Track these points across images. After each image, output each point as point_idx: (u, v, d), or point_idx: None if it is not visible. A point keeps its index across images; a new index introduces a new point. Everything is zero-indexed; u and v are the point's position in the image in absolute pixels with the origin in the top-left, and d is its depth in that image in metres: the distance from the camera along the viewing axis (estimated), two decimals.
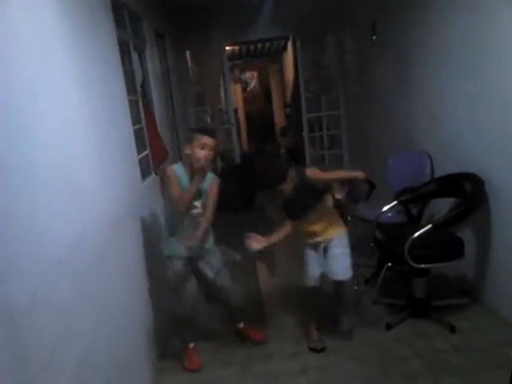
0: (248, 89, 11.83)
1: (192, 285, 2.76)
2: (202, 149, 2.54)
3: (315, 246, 2.76)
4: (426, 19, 3.41)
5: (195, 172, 2.55)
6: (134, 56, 3.48)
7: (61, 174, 1.71)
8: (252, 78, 11.90)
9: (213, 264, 2.78)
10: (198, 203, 2.64)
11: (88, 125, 2.10)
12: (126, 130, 2.82)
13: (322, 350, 2.77)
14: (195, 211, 2.64)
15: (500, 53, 2.58)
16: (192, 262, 2.72)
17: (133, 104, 3.24)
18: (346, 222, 2.79)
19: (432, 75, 3.42)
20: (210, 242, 2.77)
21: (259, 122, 10.85)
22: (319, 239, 2.72)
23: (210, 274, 2.76)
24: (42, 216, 1.50)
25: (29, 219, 1.41)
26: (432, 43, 3.36)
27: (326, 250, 2.74)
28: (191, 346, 2.85)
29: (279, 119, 10.17)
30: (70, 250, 1.67)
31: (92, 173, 2.06)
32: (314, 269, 2.79)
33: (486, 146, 2.82)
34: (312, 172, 2.58)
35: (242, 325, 3.00)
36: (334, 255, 2.72)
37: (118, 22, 3.11)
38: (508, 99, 2.55)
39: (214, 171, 2.87)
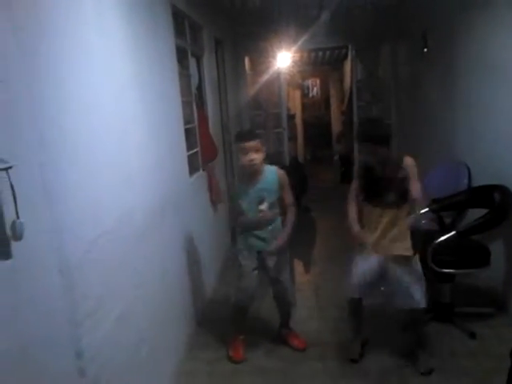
0: (310, 95, 11.99)
1: (255, 278, 2.75)
2: (244, 154, 2.60)
3: (371, 257, 2.51)
4: (469, 36, 3.51)
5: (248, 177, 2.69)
6: (192, 62, 3.81)
7: (115, 160, 2.01)
8: (315, 84, 12.05)
9: (279, 262, 2.76)
10: (263, 206, 2.66)
11: (141, 120, 2.39)
12: (177, 127, 3.13)
13: (355, 361, 2.70)
14: (260, 215, 2.67)
15: None
16: (261, 257, 2.74)
17: (187, 105, 3.55)
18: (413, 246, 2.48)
19: (474, 90, 3.50)
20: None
21: (316, 128, 10.96)
22: (382, 251, 2.48)
23: (273, 271, 2.75)
24: (99, 194, 1.82)
25: (87, 194, 1.72)
26: (475, 60, 3.45)
27: (386, 268, 2.49)
28: (241, 337, 2.86)
29: (336, 126, 10.25)
30: (118, 223, 1.98)
31: (142, 162, 2.36)
32: (361, 277, 2.52)
33: None
34: (410, 160, 2.43)
35: (286, 330, 2.97)
36: (398, 278, 2.46)
37: (179, 30, 3.44)
38: None
39: None
